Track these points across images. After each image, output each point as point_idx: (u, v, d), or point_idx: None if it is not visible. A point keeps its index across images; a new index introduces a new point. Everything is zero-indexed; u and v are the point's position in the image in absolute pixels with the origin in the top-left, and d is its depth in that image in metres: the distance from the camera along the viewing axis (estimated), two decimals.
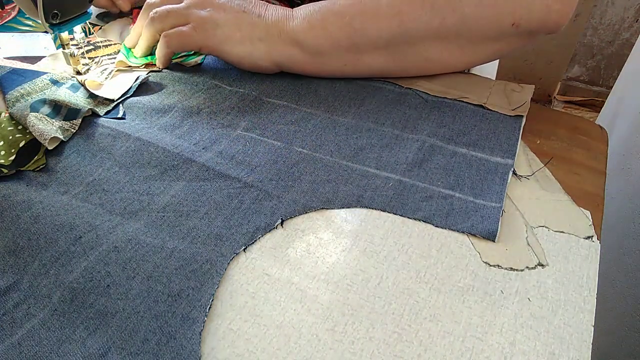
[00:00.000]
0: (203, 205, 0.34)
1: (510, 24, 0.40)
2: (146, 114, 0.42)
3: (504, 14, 0.39)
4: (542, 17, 0.40)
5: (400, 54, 0.43)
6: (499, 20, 0.40)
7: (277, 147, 0.38)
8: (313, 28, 0.42)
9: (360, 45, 0.42)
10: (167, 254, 0.30)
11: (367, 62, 0.44)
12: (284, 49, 0.43)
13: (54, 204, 0.33)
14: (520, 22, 0.40)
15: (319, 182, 0.35)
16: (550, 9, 0.39)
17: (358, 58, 0.43)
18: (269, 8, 0.44)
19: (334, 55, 0.43)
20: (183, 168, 0.36)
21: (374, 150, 0.38)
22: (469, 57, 0.44)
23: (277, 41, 0.43)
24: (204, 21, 0.43)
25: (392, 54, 0.43)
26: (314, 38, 0.42)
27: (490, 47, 0.43)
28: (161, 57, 0.46)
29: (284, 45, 0.43)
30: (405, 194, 0.34)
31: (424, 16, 0.40)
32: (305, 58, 0.43)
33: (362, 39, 0.41)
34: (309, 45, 0.42)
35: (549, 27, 0.40)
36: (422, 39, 0.41)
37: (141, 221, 0.32)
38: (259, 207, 0.33)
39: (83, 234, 0.31)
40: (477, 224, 0.32)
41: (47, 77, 0.44)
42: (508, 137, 0.39)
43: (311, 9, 0.43)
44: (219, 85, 0.46)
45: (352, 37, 0.41)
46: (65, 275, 0.29)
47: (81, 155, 0.38)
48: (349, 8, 0.41)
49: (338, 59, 0.43)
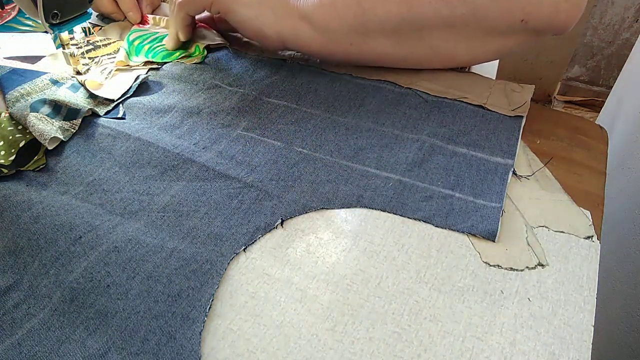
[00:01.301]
0: (203, 205, 0.34)
1: (520, 20, 0.40)
2: (146, 114, 0.42)
3: (515, 9, 0.40)
4: (550, 16, 0.40)
5: (407, 40, 0.43)
6: (508, 14, 0.40)
7: (277, 147, 0.38)
8: (323, 5, 0.42)
9: (368, 27, 0.42)
10: (167, 254, 0.30)
11: (373, 46, 0.44)
12: (291, 23, 0.44)
13: (54, 204, 0.33)
14: (529, 19, 0.40)
15: (319, 182, 0.35)
16: (558, 8, 0.39)
17: (364, 40, 0.43)
18: None
19: (341, 34, 0.43)
20: (183, 168, 0.36)
21: (374, 150, 0.38)
22: (474, 50, 0.44)
23: (285, 13, 0.44)
24: None
25: (398, 39, 0.43)
26: (322, 15, 0.43)
27: (497, 42, 0.43)
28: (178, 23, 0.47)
29: (292, 18, 0.44)
30: (405, 194, 0.34)
31: (435, 3, 0.40)
32: (312, 34, 0.44)
33: (370, 20, 0.42)
34: (317, 21, 0.43)
35: (556, 26, 0.41)
36: (429, 27, 0.42)
37: (141, 221, 0.32)
38: (259, 207, 0.33)
39: (83, 234, 0.31)
40: (477, 223, 0.32)
41: (47, 77, 0.44)
42: (508, 138, 0.39)
43: None
44: (219, 85, 0.46)
45: (360, 18, 0.42)
46: (65, 275, 0.29)
47: (81, 155, 0.38)
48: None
49: (344, 38, 0.44)
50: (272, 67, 0.49)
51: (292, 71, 0.48)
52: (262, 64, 0.49)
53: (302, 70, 0.48)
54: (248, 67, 0.49)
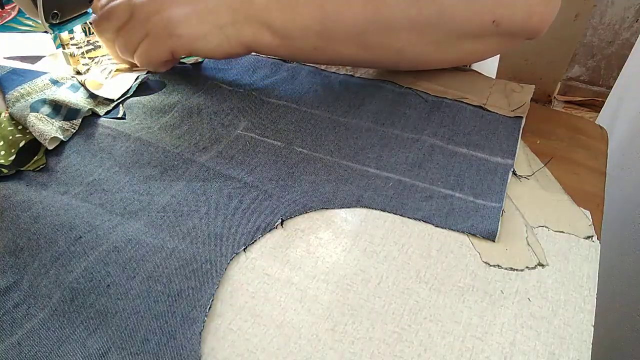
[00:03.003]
0: (203, 205, 0.34)
1: (491, 21, 0.39)
2: (146, 114, 0.42)
3: (485, 9, 0.38)
4: (523, 18, 0.39)
5: (373, 43, 0.41)
6: (478, 15, 0.39)
7: (277, 147, 0.38)
8: (282, 8, 0.39)
9: (332, 30, 0.40)
10: (167, 254, 0.30)
11: (338, 49, 0.41)
12: (251, 31, 0.40)
13: (54, 204, 0.33)
14: (501, 20, 0.39)
15: (319, 182, 0.35)
16: (532, 10, 0.38)
17: (328, 44, 0.41)
18: None
19: (304, 39, 0.40)
20: (183, 168, 0.36)
21: (374, 150, 0.38)
22: (443, 53, 0.42)
23: (244, 23, 0.40)
24: (163, 25, 0.40)
25: (364, 43, 0.41)
26: (283, 20, 0.39)
27: (467, 46, 0.41)
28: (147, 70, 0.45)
29: (251, 27, 0.40)
30: (405, 194, 0.34)
31: (402, 4, 0.38)
32: (275, 41, 0.41)
33: (334, 23, 0.39)
34: (277, 26, 0.40)
35: (529, 28, 0.40)
36: (397, 29, 0.40)
37: (141, 221, 0.32)
38: (259, 207, 0.33)
39: (83, 234, 0.31)
40: (477, 224, 0.32)
41: (47, 77, 0.44)
42: (508, 138, 0.39)
43: None
44: (219, 85, 0.46)
45: (324, 21, 0.39)
46: (65, 275, 0.29)
47: (81, 155, 0.38)
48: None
49: (308, 42, 0.41)
50: (272, 67, 0.49)
51: (292, 71, 0.48)
52: (262, 64, 0.49)
53: (302, 70, 0.48)
54: (248, 67, 0.49)
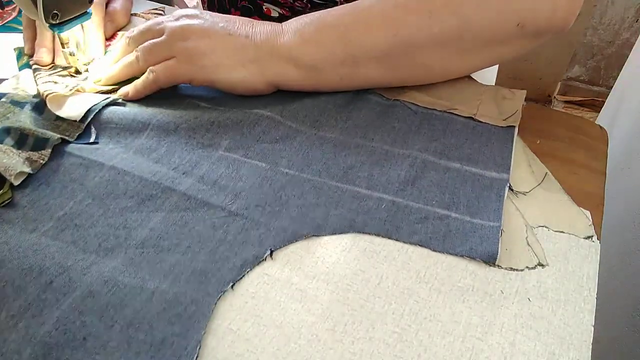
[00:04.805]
0: (185, 239, 0.32)
1: (515, 25, 0.38)
2: (119, 135, 0.39)
3: (508, 14, 0.38)
4: (548, 16, 0.38)
5: (398, 64, 0.41)
6: (503, 21, 0.38)
7: (262, 169, 0.36)
8: (306, 42, 0.40)
9: (357, 57, 0.40)
10: (148, 296, 0.28)
11: (364, 74, 0.42)
12: (277, 68, 0.41)
13: (21, 244, 0.31)
14: (525, 22, 0.38)
15: (308, 206, 0.33)
16: (556, 7, 0.38)
17: (354, 71, 0.41)
18: (256, 26, 0.42)
19: (330, 69, 0.41)
20: (162, 197, 0.34)
21: (364, 168, 0.36)
22: (471, 62, 0.42)
23: (269, 60, 0.41)
24: (189, 52, 0.40)
25: (389, 63, 0.41)
26: (308, 52, 0.40)
27: (494, 51, 0.41)
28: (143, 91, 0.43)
29: (277, 63, 0.41)
30: (399, 216, 0.33)
31: (422, 22, 0.38)
32: (301, 74, 0.41)
33: (358, 50, 0.40)
34: (303, 60, 0.40)
35: (556, 25, 0.39)
36: (421, 47, 0.39)
37: (118, 259, 0.30)
38: (246, 238, 0.32)
39: (54, 278, 0.29)
40: (476, 246, 0.31)
41: (7, 100, 0.41)
42: (501, 150, 0.37)
43: (302, 21, 0.41)
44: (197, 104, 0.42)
45: (348, 49, 0.40)
46: (36, 328, 0.27)
47: (50, 187, 0.35)
48: (342, 18, 0.40)
49: (334, 72, 0.41)
50: None
51: None
52: None
53: None
54: None
